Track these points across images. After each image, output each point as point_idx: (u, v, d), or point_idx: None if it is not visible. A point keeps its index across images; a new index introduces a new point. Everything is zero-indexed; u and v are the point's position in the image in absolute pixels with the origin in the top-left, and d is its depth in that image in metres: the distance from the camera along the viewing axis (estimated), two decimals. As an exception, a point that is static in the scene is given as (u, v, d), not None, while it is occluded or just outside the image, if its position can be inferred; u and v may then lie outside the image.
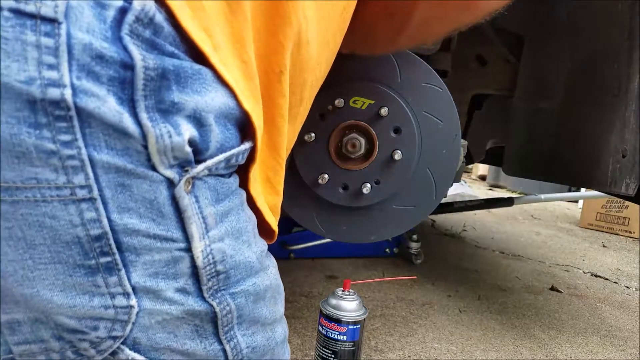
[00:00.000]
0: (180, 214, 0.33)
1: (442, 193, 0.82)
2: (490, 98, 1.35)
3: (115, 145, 0.30)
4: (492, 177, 4.94)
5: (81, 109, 0.28)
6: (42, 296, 0.31)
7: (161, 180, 0.32)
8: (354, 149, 0.78)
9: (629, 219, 2.87)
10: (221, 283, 0.37)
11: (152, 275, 0.33)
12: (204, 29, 0.33)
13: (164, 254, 0.33)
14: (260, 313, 0.41)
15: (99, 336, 0.33)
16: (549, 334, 1.34)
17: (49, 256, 0.30)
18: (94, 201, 0.30)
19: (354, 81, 0.77)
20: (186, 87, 0.31)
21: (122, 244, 0.32)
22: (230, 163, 0.37)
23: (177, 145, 0.31)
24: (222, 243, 0.36)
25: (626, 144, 1.03)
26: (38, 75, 0.26)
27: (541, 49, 1.14)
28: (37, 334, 0.32)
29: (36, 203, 0.29)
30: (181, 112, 0.31)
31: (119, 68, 0.29)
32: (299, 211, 0.85)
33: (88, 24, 0.28)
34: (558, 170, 1.15)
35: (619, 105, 1.02)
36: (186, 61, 0.32)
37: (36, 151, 0.27)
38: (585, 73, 1.08)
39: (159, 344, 0.35)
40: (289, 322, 1.26)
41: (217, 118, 0.34)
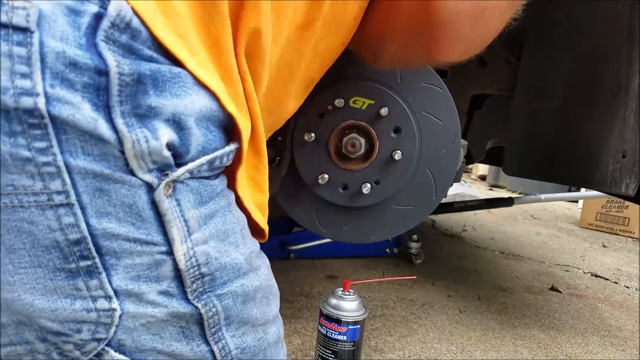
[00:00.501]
0: (160, 217, 0.33)
1: (442, 193, 0.82)
2: (490, 98, 1.35)
3: (91, 151, 0.30)
4: (492, 177, 4.94)
5: (55, 117, 0.28)
6: (24, 300, 0.31)
7: (140, 185, 0.32)
8: (354, 149, 0.78)
9: (629, 219, 2.87)
10: (206, 285, 0.37)
11: (133, 278, 0.34)
12: (179, 35, 0.33)
13: (145, 257, 0.34)
14: (250, 314, 0.41)
15: (83, 338, 0.33)
16: (549, 334, 1.34)
17: (29, 260, 0.30)
18: (71, 206, 0.30)
19: (354, 81, 0.77)
20: (164, 91, 0.31)
21: (102, 247, 0.32)
22: (214, 165, 0.37)
23: (155, 149, 0.31)
24: (206, 245, 0.36)
25: (626, 144, 1.03)
26: (11, 84, 0.27)
27: (541, 49, 1.14)
28: (22, 336, 0.32)
29: (14, 209, 0.29)
30: (159, 117, 0.31)
31: (94, 74, 0.29)
32: (299, 211, 0.85)
33: (62, 32, 0.28)
34: (558, 170, 1.15)
35: (619, 105, 1.02)
36: (165, 65, 0.32)
37: (11, 159, 0.28)
38: (585, 73, 1.08)
39: (144, 346, 0.35)
40: (289, 322, 1.27)
41: (198, 121, 0.34)
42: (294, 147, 0.80)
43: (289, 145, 0.80)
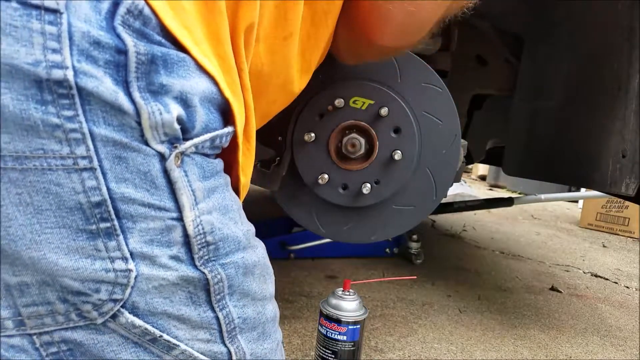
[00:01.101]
0: (171, 185, 0.36)
1: (442, 193, 0.82)
2: (490, 98, 1.35)
3: (112, 121, 0.33)
4: (492, 177, 4.95)
5: (81, 88, 0.31)
6: (49, 259, 0.33)
7: (154, 154, 0.35)
8: (354, 149, 0.78)
9: (629, 219, 2.87)
10: (211, 254, 0.39)
11: (147, 242, 0.36)
12: (184, 26, 0.36)
13: (158, 222, 0.36)
14: (249, 287, 0.43)
15: (101, 298, 0.35)
16: (549, 334, 1.34)
17: (55, 221, 0.33)
18: (94, 171, 0.33)
19: (354, 81, 0.77)
20: (172, 72, 0.35)
21: (120, 211, 0.34)
22: (215, 144, 0.40)
23: (167, 121, 0.34)
24: (211, 216, 0.39)
25: (626, 144, 1.03)
26: (43, 58, 0.30)
27: (541, 49, 1.14)
28: (44, 296, 0.34)
29: (43, 171, 0.31)
30: (169, 93, 0.35)
31: (114, 53, 0.32)
32: (299, 211, 0.85)
33: (85, 15, 0.31)
34: (558, 170, 1.15)
35: (619, 105, 1.02)
36: (172, 50, 0.35)
37: (43, 124, 0.31)
38: (585, 73, 1.08)
39: (156, 309, 0.37)
40: (289, 322, 1.27)
41: (201, 101, 0.37)
42: (294, 147, 0.80)
43: (289, 145, 0.80)
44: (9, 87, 0.29)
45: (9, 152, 0.30)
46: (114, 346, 0.37)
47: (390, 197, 0.81)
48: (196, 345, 0.40)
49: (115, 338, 0.37)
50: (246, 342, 0.44)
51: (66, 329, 0.35)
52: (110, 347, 0.37)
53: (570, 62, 1.09)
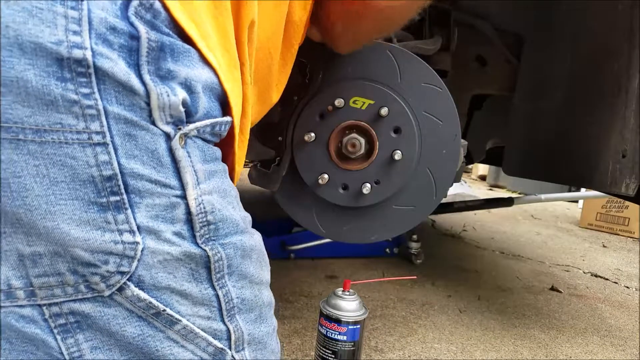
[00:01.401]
0: (176, 164, 0.38)
1: (442, 193, 0.82)
2: (490, 98, 1.35)
3: (123, 100, 0.35)
4: (492, 177, 4.95)
5: (98, 68, 0.33)
6: (62, 229, 0.35)
7: (160, 134, 0.37)
8: (354, 149, 0.78)
9: (629, 219, 2.87)
10: (211, 233, 0.41)
11: (153, 217, 0.38)
12: (192, 20, 0.39)
13: (163, 198, 0.38)
14: (247, 269, 0.45)
15: (109, 270, 0.36)
16: (549, 334, 1.34)
17: (68, 193, 0.34)
18: (106, 146, 0.35)
19: (354, 81, 0.77)
20: (178, 61, 0.37)
21: (129, 185, 0.36)
22: (215, 130, 0.42)
23: (174, 103, 0.37)
24: (211, 196, 0.41)
25: (626, 144, 1.03)
26: (65, 38, 0.32)
27: (541, 49, 1.14)
28: (55, 267, 0.36)
29: (60, 144, 0.33)
30: (175, 79, 0.37)
31: (128, 38, 0.35)
32: (299, 211, 0.85)
33: (103, 5, 0.34)
34: (558, 170, 1.15)
35: (619, 105, 1.02)
36: (178, 41, 0.38)
37: (62, 100, 0.33)
38: (585, 73, 1.08)
39: (160, 283, 0.39)
40: (289, 322, 1.27)
41: (204, 89, 0.40)
42: (294, 147, 0.80)
43: (289, 146, 0.80)
44: (32, 64, 0.31)
45: (30, 125, 0.32)
46: (119, 319, 0.38)
47: (390, 197, 0.81)
48: (197, 322, 0.41)
49: (120, 311, 0.38)
50: (244, 323, 0.45)
51: (75, 300, 0.37)
52: (116, 320, 0.38)
53: (571, 62, 1.09)
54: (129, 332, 0.38)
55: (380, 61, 0.77)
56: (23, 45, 0.31)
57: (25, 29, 0.31)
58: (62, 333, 0.37)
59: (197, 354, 0.42)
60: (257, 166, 0.81)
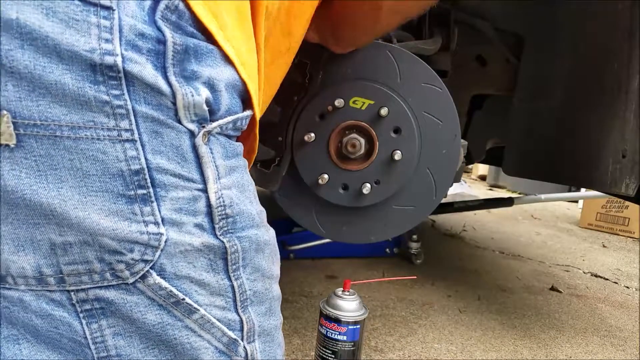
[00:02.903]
0: (199, 159, 0.41)
1: (442, 193, 0.82)
2: (490, 98, 1.35)
3: (151, 100, 0.38)
4: (492, 177, 4.94)
5: (128, 72, 0.36)
6: (92, 219, 0.37)
7: (185, 132, 0.40)
8: (354, 149, 0.78)
9: (629, 219, 2.87)
10: (229, 226, 0.43)
11: (177, 209, 0.40)
12: (212, 13, 0.41)
13: (186, 192, 0.41)
14: (260, 263, 0.47)
15: (134, 258, 0.39)
16: (549, 334, 1.34)
17: (99, 185, 0.37)
18: (135, 142, 0.38)
19: (354, 81, 0.77)
20: (202, 62, 0.40)
21: (155, 179, 0.39)
22: (237, 126, 0.44)
23: (198, 103, 0.39)
24: (230, 191, 0.43)
25: (626, 144, 1.03)
26: (98, 46, 0.35)
27: (541, 49, 1.14)
28: (84, 255, 0.38)
29: (92, 140, 0.36)
30: (199, 79, 0.40)
31: (155, 43, 0.37)
32: (299, 211, 0.85)
33: (132, 11, 0.37)
34: (558, 170, 1.15)
35: (619, 105, 1.02)
36: (203, 42, 0.40)
37: (95, 100, 0.36)
38: (585, 73, 1.08)
39: (180, 272, 0.41)
40: (289, 322, 1.27)
41: (226, 87, 0.42)
42: (294, 147, 0.80)
43: (289, 146, 0.80)
44: (69, 69, 0.35)
45: (66, 122, 0.35)
46: (141, 307, 0.40)
47: (390, 197, 0.81)
48: (213, 312, 0.43)
49: (142, 299, 0.40)
50: (256, 315, 0.47)
51: (100, 287, 0.39)
52: (138, 308, 0.40)
53: (571, 62, 1.09)
54: (150, 320, 0.41)
55: (380, 61, 0.77)
56: (61, 53, 0.34)
57: (62, 38, 0.34)
58: (87, 318, 0.39)
59: (213, 343, 0.44)
60: (257, 166, 0.81)
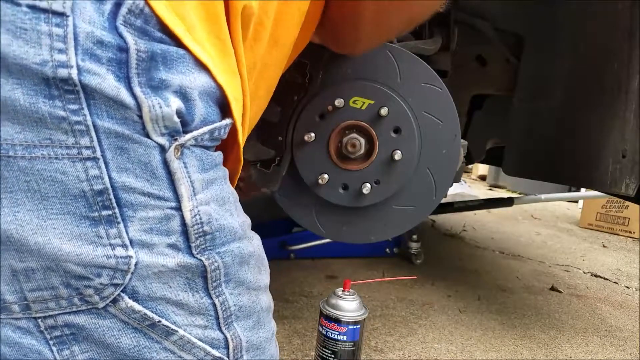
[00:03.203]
0: (171, 176, 0.38)
1: (442, 193, 0.82)
2: (490, 98, 1.35)
3: (115, 114, 0.35)
4: (492, 177, 4.94)
5: (85, 85, 0.33)
6: (53, 244, 0.35)
7: (154, 146, 0.37)
8: (354, 149, 0.78)
9: (629, 219, 2.87)
10: (208, 243, 0.41)
11: (147, 230, 0.37)
12: (177, 14, 0.37)
13: (157, 211, 0.38)
14: (245, 276, 0.45)
15: (102, 283, 0.36)
16: (549, 334, 1.34)
17: (60, 207, 0.35)
18: (97, 160, 0.35)
19: (354, 81, 0.77)
20: (172, 68, 0.37)
21: (121, 199, 0.36)
22: (214, 136, 0.41)
23: (167, 115, 0.36)
24: (208, 206, 0.40)
25: (626, 144, 1.03)
26: (50, 58, 0.32)
27: (541, 49, 1.14)
28: (49, 281, 0.36)
29: (50, 160, 0.34)
30: (169, 88, 0.37)
31: (116, 51, 0.34)
32: (299, 211, 0.85)
33: (90, 17, 0.33)
34: (558, 170, 1.15)
35: (619, 105, 1.02)
36: (172, 47, 0.37)
37: (50, 117, 0.33)
38: (585, 73, 1.08)
39: (155, 294, 0.39)
40: (289, 322, 1.27)
41: (200, 95, 0.39)
42: (294, 147, 0.80)
43: (289, 146, 0.80)
44: (19, 83, 0.32)
45: (20, 141, 0.33)
46: (114, 331, 0.38)
47: (390, 197, 0.81)
48: (194, 331, 0.41)
49: (115, 323, 0.38)
50: (242, 330, 0.45)
51: (69, 313, 0.37)
52: (111, 332, 0.38)
53: (571, 62, 1.09)
54: (125, 344, 0.38)
55: (380, 61, 0.77)
56: (9, 67, 0.31)
57: (9, 51, 0.31)
58: (58, 345, 0.37)
59: None
60: (257, 166, 0.81)
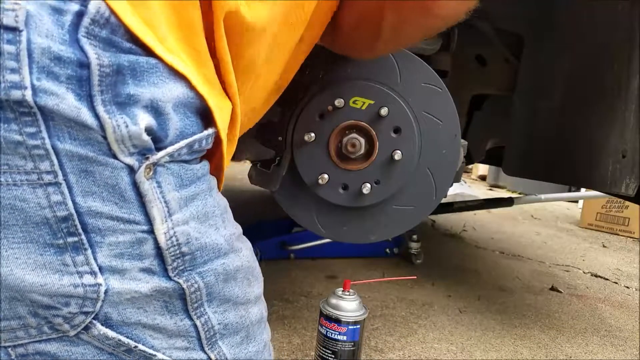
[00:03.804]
0: (141, 198, 0.36)
1: (442, 193, 0.82)
2: (490, 98, 1.35)
3: (77, 136, 0.33)
4: (492, 177, 4.94)
5: (42, 107, 0.31)
6: (16, 275, 0.33)
7: (122, 167, 0.34)
8: (354, 149, 0.78)
9: (629, 219, 2.87)
10: (187, 263, 0.39)
11: (117, 255, 0.36)
12: (146, 22, 0.35)
13: (128, 235, 0.36)
14: (231, 292, 0.43)
15: (71, 312, 0.35)
16: (549, 334, 1.34)
17: (21, 236, 0.33)
18: (59, 185, 0.33)
19: (354, 81, 0.77)
20: (142, 81, 0.34)
21: (87, 225, 0.34)
22: (194, 149, 0.39)
23: (135, 134, 0.34)
24: (187, 226, 0.38)
25: (626, 144, 1.03)
26: (2, 79, 0.29)
27: (541, 49, 1.14)
28: (15, 311, 0.34)
29: (8, 187, 0.32)
30: (137, 103, 0.34)
31: (76, 67, 0.31)
32: (299, 211, 0.85)
33: (47, 30, 0.30)
34: (558, 170, 1.15)
35: (619, 105, 1.02)
36: (142, 57, 0.34)
37: (5, 141, 0.31)
38: (585, 73, 1.08)
39: (129, 319, 0.37)
40: (289, 322, 1.27)
41: (175, 107, 0.36)
42: (294, 147, 0.80)
43: (289, 146, 0.80)
44: None
45: None
46: (88, 357, 0.37)
47: (390, 197, 0.81)
48: (174, 354, 0.40)
49: (89, 349, 0.37)
50: (228, 347, 0.43)
51: (39, 341, 0.35)
52: (85, 358, 0.36)
53: (570, 62, 1.09)
54: None
55: (380, 61, 0.77)
56: None
57: None
58: None
59: None
60: (257, 166, 0.81)
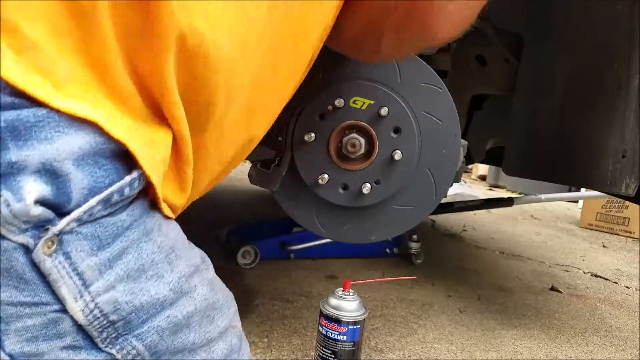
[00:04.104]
0: (45, 277, 0.32)
1: (442, 193, 0.82)
2: (490, 98, 1.35)
3: None
4: (492, 177, 4.94)
5: None
6: None
7: (14, 248, 0.31)
8: (354, 149, 0.78)
9: (629, 219, 2.87)
10: (121, 329, 0.36)
11: (30, 339, 0.33)
12: (38, 69, 0.30)
13: (38, 318, 0.32)
14: (185, 341, 0.40)
15: None
16: (549, 334, 1.34)
17: None
18: None
19: (354, 81, 0.77)
20: (29, 139, 0.29)
21: None
22: (112, 201, 0.34)
23: (20, 211, 0.29)
24: (113, 292, 0.35)
25: (626, 144, 1.03)
26: None
27: (541, 49, 1.14)
28: None
29: None
30: (24, 171, 0.29)
31: None
32: (299, 211, 0.85)
33: None
34: (558, 170, 1.15)
35: (619, 105, 1.02)
36: (27, 109, 0.29)
37: None
38: (585, 73, 1.08)
39: None
40: (289, 322, 1.27)
41: (78, 161, 0.31)
42: (294, 147, 0.80)
43: (289, 145, 0.80)
44: None
45: None
46: None
47: (390, 197, 0.81)
48: None
49: None
50: None
51: None
52: None
53: (570, 62, 1.09)
54: None
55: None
56: None
57: None
58: None
59: None
60: (257, 166, 0.81)
